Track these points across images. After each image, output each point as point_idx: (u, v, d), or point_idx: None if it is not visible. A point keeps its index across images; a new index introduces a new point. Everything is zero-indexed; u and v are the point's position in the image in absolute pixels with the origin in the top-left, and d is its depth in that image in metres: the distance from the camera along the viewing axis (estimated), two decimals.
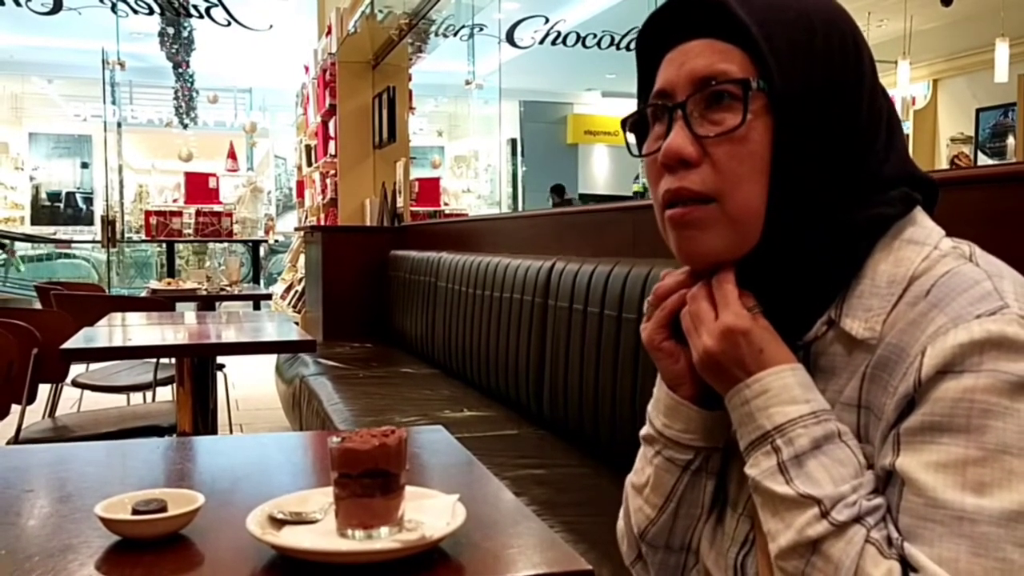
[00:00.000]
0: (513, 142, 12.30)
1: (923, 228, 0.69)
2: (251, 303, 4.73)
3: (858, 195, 0.68)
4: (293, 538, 0.70)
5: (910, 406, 0.61)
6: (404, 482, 0.72)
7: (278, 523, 0.72)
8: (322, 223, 5.74)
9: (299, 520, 0.73)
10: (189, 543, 0.73)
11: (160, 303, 3.50)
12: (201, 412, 2.20)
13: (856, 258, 0.68)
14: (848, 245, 0.68)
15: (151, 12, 7.83)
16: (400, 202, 4.97)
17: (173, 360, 2.55)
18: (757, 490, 0.67)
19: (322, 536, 0.70)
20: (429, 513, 0.72)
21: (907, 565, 0.59)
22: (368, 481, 0.70)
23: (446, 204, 7.72)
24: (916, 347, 0.62)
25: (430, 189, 6.91)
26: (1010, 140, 7.95)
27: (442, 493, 0.77)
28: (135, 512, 0.74)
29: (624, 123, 0.77)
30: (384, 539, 0.69)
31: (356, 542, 0.69)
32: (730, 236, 0.69)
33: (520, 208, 11.47)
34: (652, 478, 0.79)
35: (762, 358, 0.68)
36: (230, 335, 2.50)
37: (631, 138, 0.77)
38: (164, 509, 0.74)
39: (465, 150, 12.85)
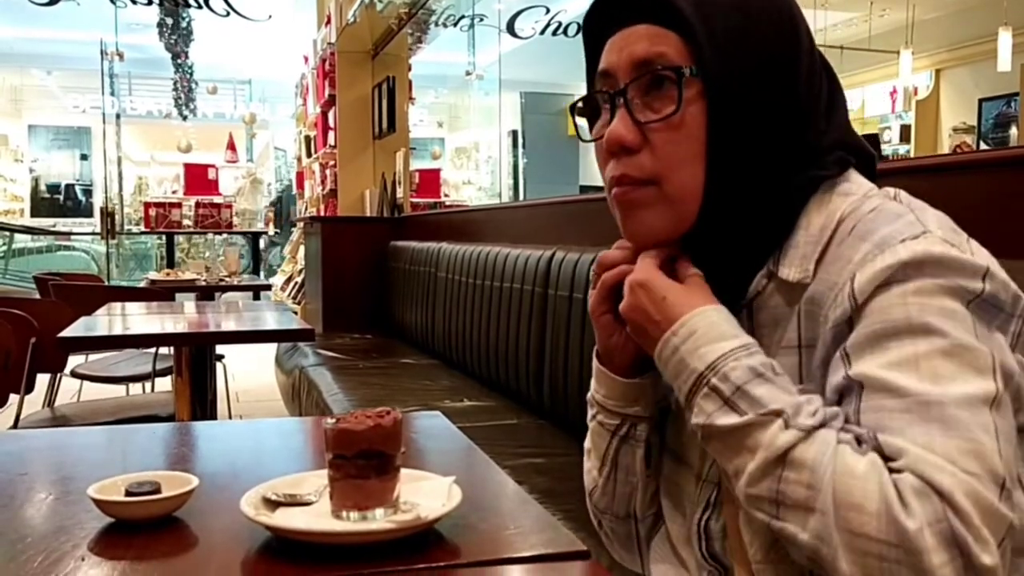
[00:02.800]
0: (514, 133, 12.26)
1: (854, 183, 0.71)
2: (251, 294, 4.71)
3: (796, 164, 0.70)
4: (287, 519, 0.69)
5: (849, 327, 0.63)
6: (399, 464, 0.71)
7: (272, 504, 0.72)
8: (322, 214, 5.73)
9: (293, 502, 0.72)
10: (183, 525, 0.73)
11: (159, 293, 3.50)
12: (199, 401, 2.19)
13: (790, 215, 0.70)
14: (783, 205, 0.70)
15: (150, 2, 7.80)
16: (400, 193, 4.96)
17: (172, 350, 2.54)
18: (711, 436, 0.65)
19: (316, 517, 0.70)
20: (425, 495, 0.72)
21: (884, 457, 0.59)
22: (363, 462, 0.69)
23: (446, 196, 7.70)
24: (845, 275, 0.64)
25: (430, 180, 6.89)
26: (1013, 130, 7.92)
27: (438, 476, 0.76)
28: (128, 494, 0.73)
29: (573, 108, 0.80)
30: (379, 520, 0.68)
31: (350, 523, 0.68)
32: (670, 215, 0.71)
33: (522, 200, 11.45)
34: (591, 441, 0.84)
35: (665, 305, 0.69)
36: (229, 324, 2.49)
37: (581, 122, 0.79)
38: (158, 491, 0.74)
39: (465, 141, 12.82)
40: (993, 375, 0.59)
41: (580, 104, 0.78)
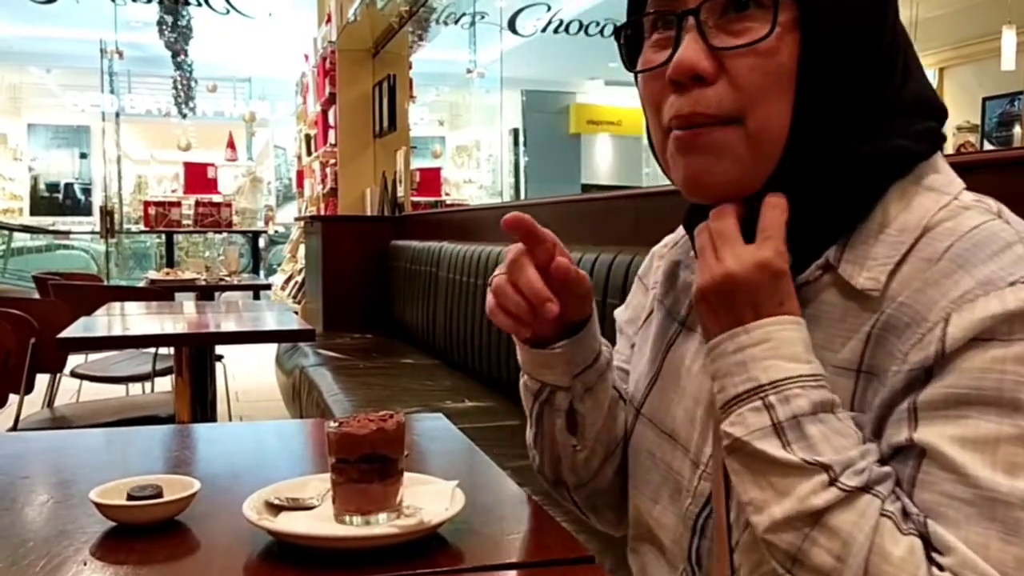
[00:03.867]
0: (515, 132, 12.25)
1: (944, 175, 0.62)
2: (251, 293, 4.70)
3: (880, 122, 0.62)
4: (290, 524, 0.69)
5: (926, 376, 0.55)
6: (402, 467, 0.71)
7: (275, 508, 0.71)
8: (322, 213, 5.73)
9: (296, 506, 0.72)
10: (185, 529, 0.73)
11: (158, 293, 3.49)
12: (199, 402, 2.19)
13: (868, 197, 0.61)
14: (862, 180, 0.61)
15: (149, 1, 7.79)
16: (400, 191, 4.95)
17: (172, 350, 2.54)
18: (740, 452, 0.58)
19: (319, 521, 0.69)
20: (427, 499, 0.71)
21: (927, 543, 0.53)
22: (366, 466, 0.69)
23: (447, 194, 7.69)
24: (936, 311, 0.55)
25: (431, 179, 6.89)
26: (1016, 129, 7.91)
27: (441, 479, 0.76)
28: (130, 498, 0.73)
29: (618, 33, 0.68)
30: (382, 525, 0.68)
31: (354, 527, 0.68)
32: (749, 162, 0.61)
33: (522, 198, 11.45)
34: (522, 399, 0.79)
35: (750, 311, 0.59)
36: (228, 324, 2.49)
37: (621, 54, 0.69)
38: (160, 495, 0.73)
39: (467, 140, 12.82)
40: None
41: (626, 30, 0.67)
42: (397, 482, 0.70)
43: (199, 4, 7.70)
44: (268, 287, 5.78)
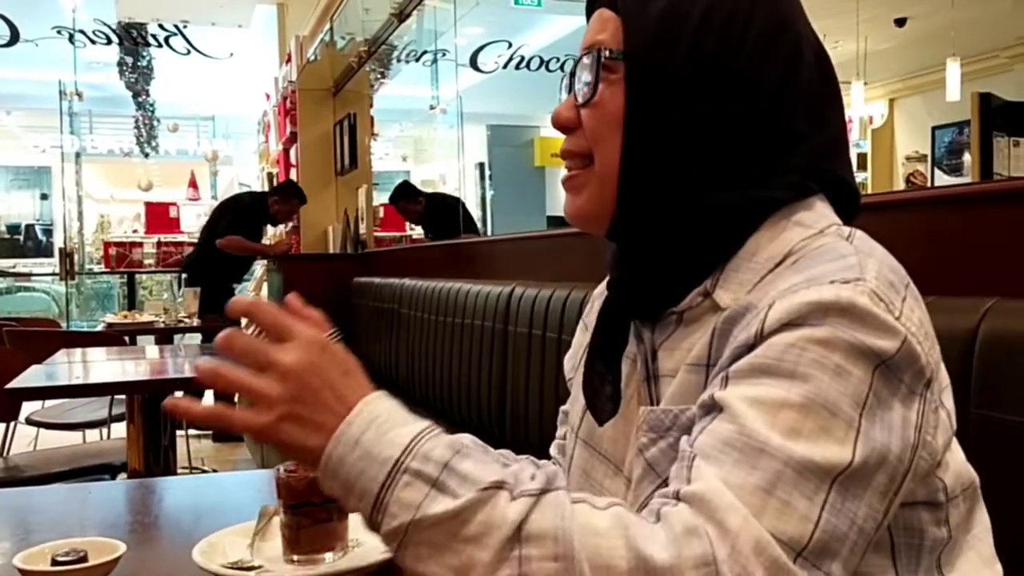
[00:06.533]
0: (481, 166, 12.34)
1: (815, 214, 0.68)
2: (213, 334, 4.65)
3: (740, 179, 0.68)
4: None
5: (746, 352, 0.60)
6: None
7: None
8: None
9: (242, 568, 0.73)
10: None
11: (115, 338, 3.44)
12: (153, 450, 2.15)
13: (735, 237, 0.68)
14: (724, 226, 0.68)
15: (109, 42, 7.76)
16: (363, 228, 4.95)
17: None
18: (417, 534, 0.54)
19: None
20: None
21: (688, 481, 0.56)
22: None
23: (412, 229, 7.69)
24: (766, 301, 0.61)
25: (396, 214, 6.89)
26: (966, 156, 8.14)
27: None
28: (54, 563, 0.72)
29: (560, 89, 0.81)
30: (346, 559, 0.75)
31: (327, 565, 0.75)
32: (598, 196, 0.71)
33: (489, 231, 11.49)
34: None
35: (360, 389, 0.60)
36: (183, 369, 2.45)
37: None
38: (85, 559, 0.72)
39: (432, 174, 12.87)
40: (853, 447, 0.55)
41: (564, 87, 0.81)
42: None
43: (159, 45, 7.69)
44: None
